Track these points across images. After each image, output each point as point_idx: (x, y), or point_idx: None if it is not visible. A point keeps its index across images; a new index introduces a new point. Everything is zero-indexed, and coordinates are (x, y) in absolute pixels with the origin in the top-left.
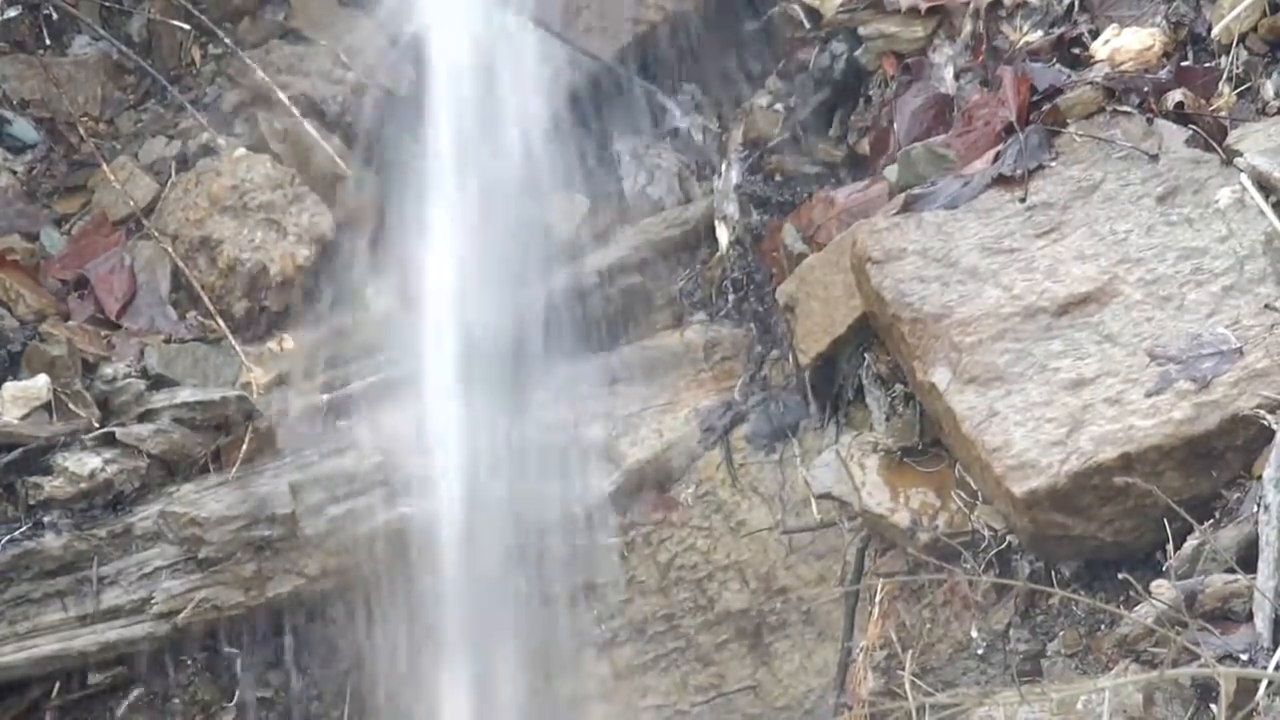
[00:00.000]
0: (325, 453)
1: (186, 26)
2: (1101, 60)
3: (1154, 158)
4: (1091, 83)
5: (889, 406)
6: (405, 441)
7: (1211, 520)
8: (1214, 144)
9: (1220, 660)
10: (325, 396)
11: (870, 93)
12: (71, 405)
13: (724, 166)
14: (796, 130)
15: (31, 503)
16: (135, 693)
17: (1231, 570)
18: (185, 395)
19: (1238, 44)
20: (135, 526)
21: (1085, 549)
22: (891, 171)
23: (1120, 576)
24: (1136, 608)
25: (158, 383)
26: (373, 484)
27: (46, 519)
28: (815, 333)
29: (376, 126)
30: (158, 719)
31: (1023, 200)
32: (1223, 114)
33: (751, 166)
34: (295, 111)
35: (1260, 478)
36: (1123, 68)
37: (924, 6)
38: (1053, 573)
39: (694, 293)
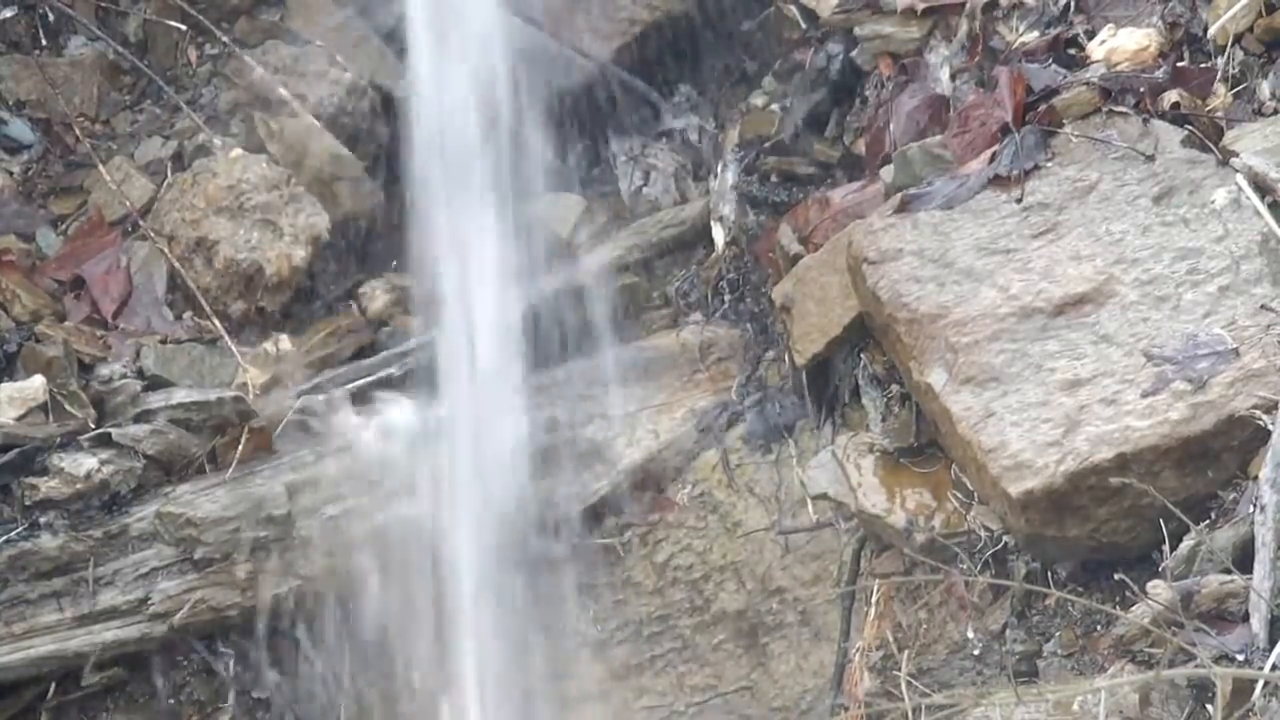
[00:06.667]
0: (321, 453)
1: (183, 27)
2: (1097, 60)
3: (1150, 158)
4: (1087, 83)
5: (885, 407)
6: (401, 442)
7: (1207, 521)
8: (1210, 144)
9: (1216, 661)
10: (321, 397)
11: (866, 93)
12: (67, 406)
13: (720, 167)
14: (793, 130)
15: (27, 503)
16: (131, 693)
17: (1227, 571)
18: (181, 396)
19: (1234, 44)
20: (131, 527)
21: (1081, 549)
22: (888, 172)
23: (1116, 577)
24: (1133, 608)
25: (154, 383)
26: (368, 484)
27: (42, 520)
28: (811, 333)
29: (372, 126)
30: None
31: (1019, 201)
32: (1219, 114)
33: (748, 167)
34: (299, 110)
35: (1256, 478)
36: (1119, 68)
37: (920, 7)
38: (1049, 573)
39: (690, 293)
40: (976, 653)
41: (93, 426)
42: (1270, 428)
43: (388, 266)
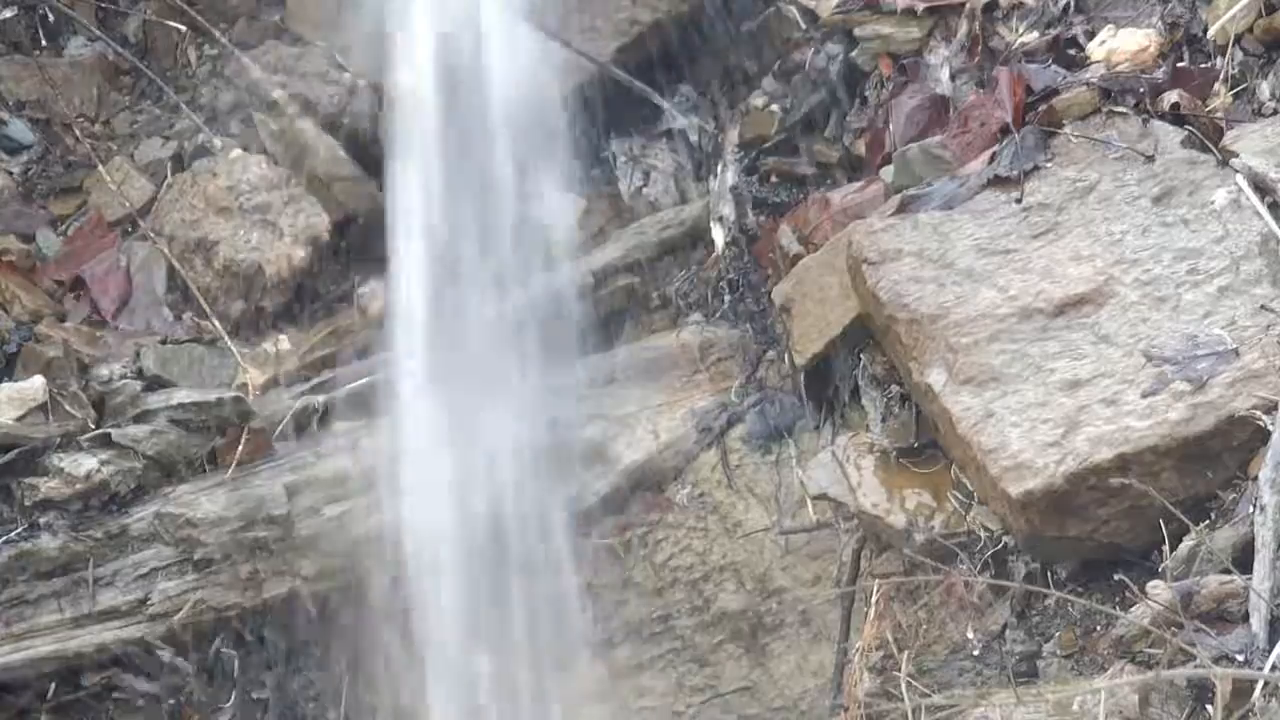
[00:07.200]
0: (321, 454)
1: (183, 27)
2: (1097, 61)
3: (1150, 158)
4: (1087, 83)
5: (885, 407)
6: (401, 442)
7: (1207, 521)
8: (1210, 145)
9: (1216, 661)
10: (321, 397)
11: (866, 93)
12: (67, 406)
13: (720, 167)
14: (793, 131)
15: (27, 504)
16: (131, 694)
17: (1227, 571)
18: (181, 396)
19: (1234, 45)
20: (131, 527)
21: (1081, 550)
22: (887, 172)
23: (1116, 577)
24: (1132, 609)
25: (154, 384)
26: (368, 485)
27: (42, 520)
28: (811, 333)
29: (372, 127)
30: None
31: (1019, 201)
32: (1219, 115)
33: (747, 167)
34: (298, 110)
35: (1256, 479)
36: (1119, 68)
37: (920, 7)
38: (1049, 573)
39: (690, 293)
40: (976, 653)
41: (93, 426)
42: (1270, 428)
43: (388, 266)
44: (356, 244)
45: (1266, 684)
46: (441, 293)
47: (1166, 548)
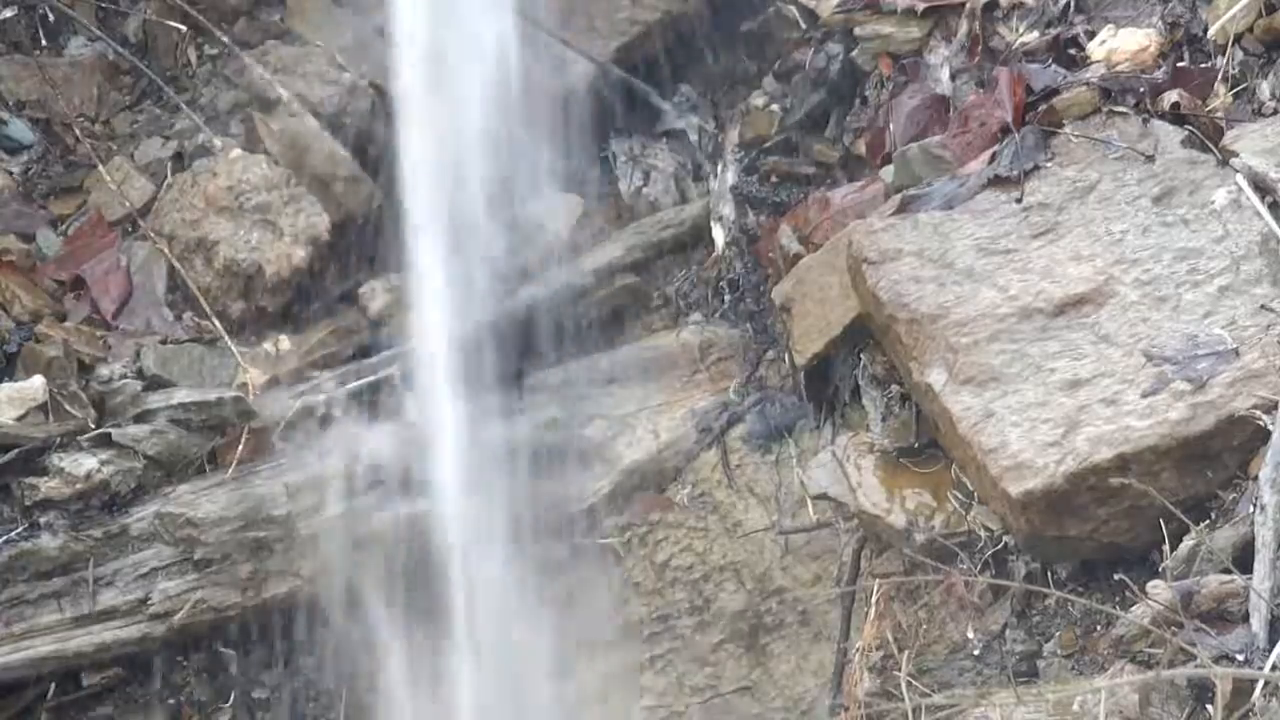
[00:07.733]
0: (321, 454)
1: (183, 27)
2: (1097, 61)
3: (1150, 158)
4: (1087, 83)
5: (885, 407)
6: (401, 442)
7: (1207, 521)
8: (1210, 144)
9: (1216, 661)
10: (321, 397)
11: (866, 93)
12: (68, 406)
13: (720, 167)
14: (793, 131)
15: (28, 504)
16: (131, 694)
17: (1227, 571)
18: (181, 396)
19: (1234, 44)
20: (131, 527)
21: (1081, 549)
22: (888, 172)
23: (1116, 577)
24: (1132, 608)
25: (154, 383)
26: (368, 485)
27: (43, 520)
28: (811, 333)
29: (371, 127)
30: None
31: (1019, 201)
32: (1219, 114)
33: (747, 167)
34: (299, 110)
35: (1256, 478)
36: (1119, 68)
37: (920, 7)
38: (1049, 573)
39: (690, 293)
40: (976, 653)
41: (93, 426)
42: (1270, 428)
43: (388, 266)
44: (356, 244)
45: (1266, 684)
46: (441, 293)
47: (1166, 547)
